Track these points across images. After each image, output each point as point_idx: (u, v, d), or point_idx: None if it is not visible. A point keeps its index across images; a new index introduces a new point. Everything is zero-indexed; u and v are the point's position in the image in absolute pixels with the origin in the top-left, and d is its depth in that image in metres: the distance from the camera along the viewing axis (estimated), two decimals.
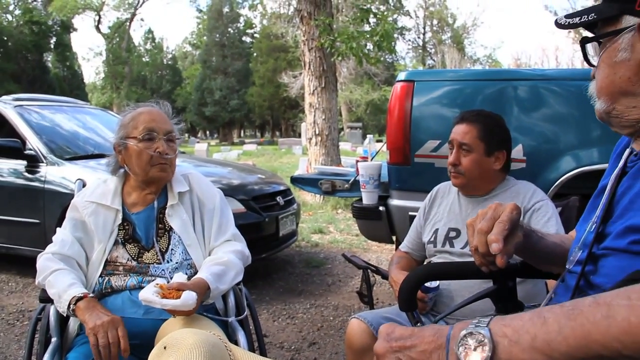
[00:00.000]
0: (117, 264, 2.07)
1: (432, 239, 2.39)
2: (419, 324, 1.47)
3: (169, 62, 65.09)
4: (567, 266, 1.27)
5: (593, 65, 1.23)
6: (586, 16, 1.19)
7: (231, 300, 2.19)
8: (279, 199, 5.28)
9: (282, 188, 5.54)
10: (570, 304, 0.83)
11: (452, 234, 2.34)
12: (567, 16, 1.25)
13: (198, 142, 38.26)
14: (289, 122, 55.88)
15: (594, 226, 1.22)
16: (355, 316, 2.15)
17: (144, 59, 59.40)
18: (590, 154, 2.95)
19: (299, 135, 36.50)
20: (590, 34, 1.25)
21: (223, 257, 2.09)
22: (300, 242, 6.87)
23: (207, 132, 69.70)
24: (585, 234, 1.25)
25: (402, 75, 3.27)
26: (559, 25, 1.27)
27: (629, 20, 1.12)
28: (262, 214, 4.91)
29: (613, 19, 1.15)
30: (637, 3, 1.10)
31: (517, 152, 2.94)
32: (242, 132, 68.95)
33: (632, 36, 1.11)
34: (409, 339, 0.91)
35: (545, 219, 2.20)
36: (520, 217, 1.20)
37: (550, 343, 0.80)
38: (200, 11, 65.07)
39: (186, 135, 56.68)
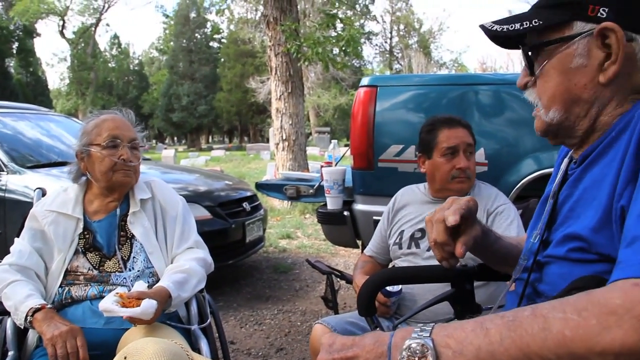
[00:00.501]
0: (78, 273, 2.03)
1: (397, 241, 2.40)
2: (378, 329, 1.48)
3: (136, 68, 64.56)
4: (513, 274, 1.29)
5: (531, 75, 1.19)
6: (528, 22, 1.14)
7: (194, 308, 2.17)
8: (246, 205, 5.26)
9: (248, 194, 5.52)
10: (511, 315, 0.85)
11: (418, 234, 2.36)
12: (498, 22, 1.19)
13: (165, 148, 37.86)
14: (257, 127, 55.75)
15: (538, 235, 1.23)
16: (319, 321, 2.15)
17: (110, 64, 58.69)
18: (551, 156, 3.00)
19: (267, 141, 36.44)
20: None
21: (185, 265, 2.08)
22: (267, 247, 6.86)
23: (175, 138, 69.20)
24: (531, 241, 1.26)
25: (365, 81, 3.28)
26: (488, 32, 1.21)
27: (581, 26, 1.10)
28: (228, 220, 4.88)
29: (562, 25, 1.12)
30: (590, 9, 1.09)
31: (480, 155, 2.98)
32: (210, 137, 68.52)
33: (587, 42, 1.09)
34: (350, 350, 0.92)
35: (508, 222, 2.23)
36: (477, 209, 1.21)
37: (494, 354, 0.81)
38: (166, 16, 64.51)
39: (154, 141, 56.26)
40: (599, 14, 1.08)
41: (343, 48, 9.29)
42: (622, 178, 0.97)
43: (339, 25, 10.34)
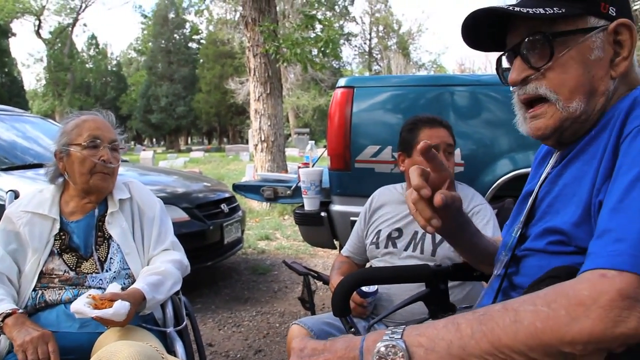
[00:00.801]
0: (53, 275, 2.01)
1: (374, 240, 2.41)
2: (353, 329, 1.48)
3: (114, 69, 64.05)
4: (494, 271, 1.30)
5: (536, 68, 1.15)
6: (551, 9, 1.11)
7: (169, 310, 2.15)
8: (224, 207, 5.24)
9: (226, 195, 5.50)
10: (482, 310, 0.87)
11: (395, 234, 2.37)
12: (520, 4, 1.15)
13: (144, 149, 37.62)
14: (236, 128, 55.62)
15: (518, 230, 1.25)
16: (296, 322, 2.15)
17: (87, 65, 58.21)
18: (526, 156, 3.03)
19: (247, 142, 36.35)
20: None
21: (160, 266, 2.06)
22: (246, 249, 6.84)
23: (154, 140, 68.77)
24: (510, 238, 1.28)
25: (341, 82, 3.29)
26: (498, 14, 1.17)
27: (595, 21, 1.12)
28: (206, 222, 4.86)
29: (576, 18, 1.13)
30: (602, 6, 1.12)
31: (456, 156, 2.99)
32: (189, 139, 68.27)
33: (603, 36, 1.11)
34: (321, 355, 0.93)
35: (484, 222, 2.26)
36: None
37: (465, 348, 0.83)
38: (145, 17, 64.20)
39: (132, 142, 55.83)
40: (609, 12, 1.12)
41: (322, 49, 9.29)
42: (600, 174, 1.00)
43: (318, 27, 10.35)
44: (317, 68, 10.22)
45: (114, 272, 2.05)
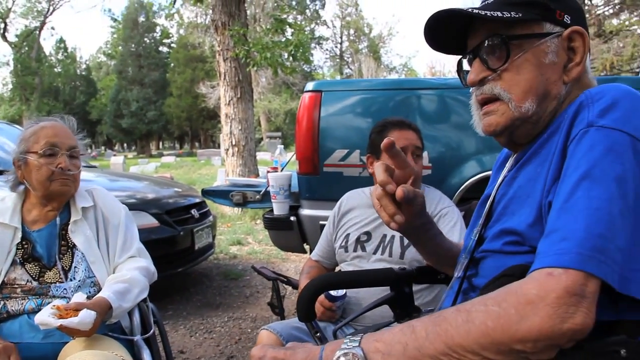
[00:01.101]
0: (15, 286, 1.97)
1: (343, 244, 2.42)
2: (318, 334, 1.49)
3: (83, 73, 63.20)
4: (454, 274, 1.32)
5: (493, 70, 1.18)
6: (509, 14, 1.15)
7: (136, 318, 2.13)
8: (194, 212, 5.19)
9: (197, 200, 5.45)
10: (437, 313, 0.90)
11: (364, 237, 2.38)
12: (485, 6, 1.20)
13: (115, 155, 37.19)
14: (208, 132, 55.40)
15: (477, 233, 1.27)
16: (265, 327, 2.14)
17: (55, 69, 57.41)
18: (493, 158, 3.03)
19: (219, 146, 36.21)
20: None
21: (126, 274, 2.04)
22: (218, 254, 6.81)
23: (125, 145, 68.09)
24: (470, 241, 1.30)
25: (309, 86, 3.29)
26: (455, 16, 1.20)
27: (550, 27, 1.16)
28: (176, 228, 4.81)
29: (532, 22, 1.17)
30: (558, 13, 1.16)
31: (424, 158, 3.02)
32: (160, 144, 67.71)
33: (557, 42, 1.16)
34: None
35: (451, 224, 2.28)
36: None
37: (420, 349, 0.86)
38: (114, 20, 63.44)
39: (102, 148, 55.18)
40: (564, 19, 1.17)
41: (292, 53, 9.31)
42: (549, 176, 1.03)
43: (289, 30, 10.37)
44: (288, 72, 10.23)
45: (79, 280, 2.02)
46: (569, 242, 0.87)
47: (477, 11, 1.15)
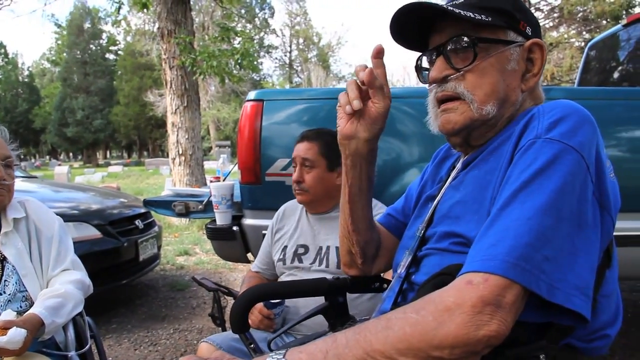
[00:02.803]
0: None
1: (281, 257, 2.42)
2: (252, 345, 1.48)
3: (25, 80, 61.57)
4: (397, 271, 1.33)
5: (457, 69, 1.20)
6: (479, 16, 1.17)
7: (70, 333, 2.08)
8: (138, 223, 5.11)
9: (142, 211, 5.36)
10: (360, 323, 0.93)
11: (301, 250, 2.38)
12: (455, 6, 1.21)
13: (59, 164, 36.26)
14: (156, 142, 54.66)
15: (420, 233, 1.29)
16: (205, 340, 2.12)
17: None
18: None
19: (167, 155, 35.74)
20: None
21: (60, 288, 1.99)
22: (164, 265, 6.71)
23: (70, 154, 66.53)
24: (412, 241, 1.32)
25: (251, 95, 3.28)
26: (438, 10, 1.20)
27: (514, 36, 1.21)
28: (120, 239, 4.73)
29: (498, 29, 1.21)
30: (521, 24, 1.21)
31: None
32: (108, 153, 66.43)
33: (519, 50, 1.21)
34: None
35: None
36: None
37: (340, 356, 0.88)
38: (59, 26, 61.95)
39: (47, 157, 53.75)
40: (526, 30, 1.22)
41: (238, 61, 9.27)
42: (497, 184, 1.06)
43: (239, 39, 10.33)
44: (235, 80, 10.19)
45: (9, 294, 1.96)
46: (497, 249, 0.90)
47: (451, 8, 1.18)
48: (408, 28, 1.28)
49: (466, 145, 1.28)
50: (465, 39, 1.19)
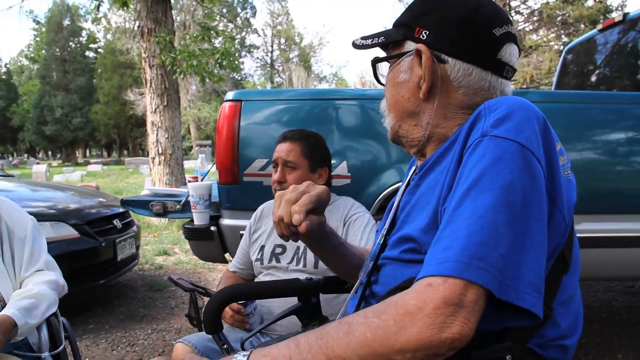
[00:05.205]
0: None
1: (259, 257, 2.43)
2: (225, 346, 1.49)
3: (3, 77, 60.81)
4: (359, 278, 1.34)
5: (382, 84, 1.32)
6: (377, 39, 1.27)
7: (44, 333, 2.05)
8: (116, 222, 5.08)
9: (120, 210, 5.32)
10: (321, 327, 0.92)
11: (278, 250, 2.39)
12: (363, 38, 1.31)
13: (38, 163, 35.87)
14: (136, 140, 54.27)
15: (381, 239, 1.30)
16: (180, 340, 2.13)
17: None
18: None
19: (147, 154, 35.55)
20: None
21: (33, 289, 1.97)
22: (143, 265, 6.67)
23: (49, 152, 65.81)
24: (375, 247, 1.33)
25: (229, 95, 3.28)
26: (355, 46, 1.33)
27: (410, 45, 1.23)
28: (97, 239, 4.69)
29: (398, 43, 1.25)
30: (416, 30, 1.21)
31: (342, 168, 3.06)
32: (87, 151, 65.79)
33: (411, 60, 1.22)
34: None
35: (361, 230, 2.31)
36: (329, 198, 1.21)
37: None
38: (37, 23, 61.25)
39: (25, 155, 53.14)
40: (421, 36, 1.21)
41: (219, 61, 9.24)
42: (446, 184, 1.05)
43: (220, 38, 10.30)
44: (215, 80, 10.15)
45: None
46: (450, 251, 0.88)
47: (360, 42, 1.30)
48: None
49: (421, 154, 1.30)
50: (381, 59, 1.31)
